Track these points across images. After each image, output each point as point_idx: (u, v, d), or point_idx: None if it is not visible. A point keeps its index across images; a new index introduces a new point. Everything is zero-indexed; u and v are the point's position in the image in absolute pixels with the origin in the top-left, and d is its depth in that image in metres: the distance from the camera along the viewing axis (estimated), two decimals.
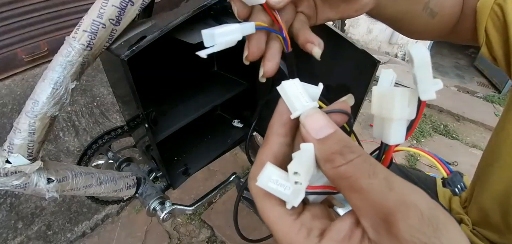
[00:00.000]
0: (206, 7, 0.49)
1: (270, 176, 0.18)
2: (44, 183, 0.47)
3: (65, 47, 0.42)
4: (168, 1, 0.64)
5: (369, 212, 0.16)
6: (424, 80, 0.17)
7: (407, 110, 0.18)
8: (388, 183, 0.15)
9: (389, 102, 0.18)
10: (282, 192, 0.18)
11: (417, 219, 0.14)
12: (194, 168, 0.76)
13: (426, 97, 0.17)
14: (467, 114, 2.17)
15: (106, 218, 1.31)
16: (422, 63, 0.17)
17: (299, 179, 0.17)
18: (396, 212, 0.15)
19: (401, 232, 0.14)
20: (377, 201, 0.15)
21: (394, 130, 0.18)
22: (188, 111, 0.70)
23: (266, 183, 0.18)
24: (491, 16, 0.36)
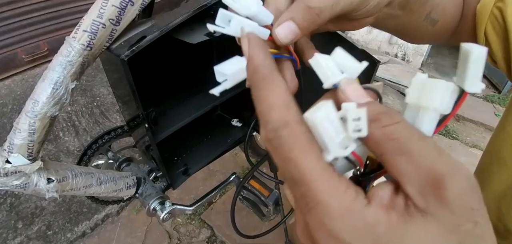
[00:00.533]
0: (206, 7, 0.49)
1: (329, 113, 0.16)
2: (44, 183, 0.47)
3: (65, 47, 0.42)
4: (168, 1, 0.64)
5: (418, 176, 0.15)
6: (474, 74, 0.17)
7: (447, 102, 0.17)
8: (437, 148, 0.15)
9: (432, 91, 0.17)
10: (332, 137, 0.16)
11: (467, 183, 0.14)
12: (194, 168, 0.76)
13: (471, 89, 0.18)
14: (467, 114, 2.17)
15: (106, 218, 1.31)
16: (479, 60, 0.17)
17: (359, 126, 0.16)
18: (447, 175, 0.14)
19: (452, 195, 0.14)
20: (427, 164, 0.15)
21: (428, 120, 0.18)
22: (188, 111, 0.70)
23: (321, 119, 0.16)
24: (490, 19, 0.36)
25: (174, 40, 0.54)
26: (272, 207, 0.79)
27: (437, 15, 0.36)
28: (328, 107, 0.16)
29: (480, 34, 0.37)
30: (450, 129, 2.01)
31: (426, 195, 0.15)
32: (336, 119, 0.16)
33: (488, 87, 2.68)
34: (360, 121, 0.16)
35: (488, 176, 0.42)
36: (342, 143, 0.16)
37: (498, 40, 0.36)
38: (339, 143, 0.16)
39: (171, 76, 0.81)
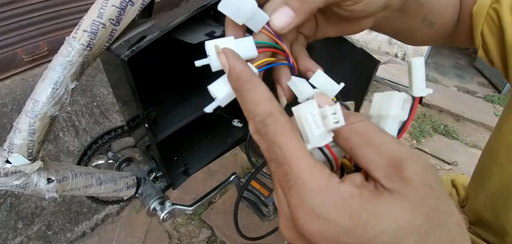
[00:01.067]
0: (206, 7, 0.49)
1: (311, 109, 0.18)
2: (44, 183, 0.47)
3: (65, 47, 0.42)
4: (168, 1, 0.64)
5: (383, 162, 0.17)
6: (418, 81, 0.21)
7: (402, 110, 0.21)
8: (395, 139, 0.18)
9: (388, 101, 0.21)
10: (312, 130, 0.18)
11: (423, 163, 0.17)
12: (194, 168, 0.76)
13: (419, 93, 0.21)
14: (467, 114, 2.17)
15: (106, 218, 1.31)
16: (419, 68, 0.21)
17: (337, 118, 0.18)
18: (406, 159, 0.17)
19: (412, 175, 0.16)
20: (390, 152, 0.17)
21: (389, 126, 0.21)
22: (188, 111, 0.70)
23: (305, 113, 0.18)
24: (486, 20, 0.36)
25: (174, 40, 0.54)
26: (272, 207, 0.79)
27: (434, 18, 0.36)
28: (312, 104, 0.18)
29: (476, 35, 0.38)
30: (450, 129, 2.01)
31: (391, 177, 0.17)
32: (318, 115, 0.18)
33: (488, 87, 2.68)
34: (337, 114, 0.18)
35: (484, 176, 0.42)
36: (321, 137, 0.18)
37: (494, 41, 0.36)
38: (318, 136, 0.18)
39: (171, 76, 0.81)
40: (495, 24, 0.36)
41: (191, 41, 0.54)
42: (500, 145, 0.39)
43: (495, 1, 0.36)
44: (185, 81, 0.82)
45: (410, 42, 0.42)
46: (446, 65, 3.04)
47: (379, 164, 0.17)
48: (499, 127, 0.40)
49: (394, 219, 0.16)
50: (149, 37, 0.45)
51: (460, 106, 2.25)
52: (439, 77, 2.73)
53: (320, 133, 0.18)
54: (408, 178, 0.16)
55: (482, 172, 0.44)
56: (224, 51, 0.21)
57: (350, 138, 0.18)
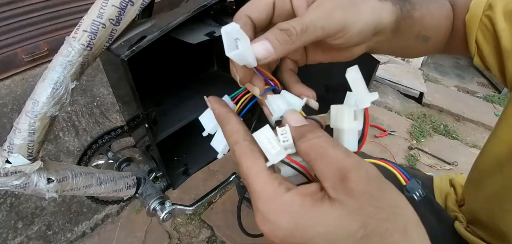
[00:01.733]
0: (206, 7, 0.49)
1: (265, 133, 0.22)
2: (44, 183, 0.47)
3: (65, 47, 0.42)
4: (168, 1, 0.64)
5: (331, 173, 0.19)
6: (359, 93, 0.22)
7: (355, 121, 0.23)
8: (346, 153, 0.20)
9: (341, 115, 0.23)
10: (268, 149, 0.22)
11: (365, 175, 0.19)
12: (194, 168, 0.76)
13: (363, 105, 0.23)
14: (467, 114, 2.17)
15: (106, 218, 1.31)
16: (355, 80, 0.23)
17: (287, 138, 0.22)
18: (351, 170, 0.19)
19: (353, 185, 0.18)
20: (338, 164, 0.19)
21: (347, 138, 0.23)
22: (188, 111, 0.71)
23: (260, 137, 0.22)
24: (480, 27, 0.37)
25: (174, 40, 0.54)
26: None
27: (429, 33, 0.37)
28: (265, 129, 0.22)
29: (471, 43, 0.38)
30: (450, 129, 2.01)
31: (336, 187, 0.19)
32: (272, 137, 0.22)
33: (488, 87, 2.68)
34: (287, 134, 0.22)
35: (482, 178, 0.43)
36: (277, 154, 0.21)
37: (489, 47, 0.37)
38: (275, 154, 0.21)
39: (171, 76, 0.81)
40: (489, 31, 0.36)
41: (191, 41, 0.54)
42: (500, 148, 0.39)
43: (487, 8, 0.36)
44: (185, 81, 0.82)
45: (407, 57, 0.43)
46: (446, 65, 3.04)
47: (328, 175, 0.20)
48: (498, 129, 0.40)
49: (327, 224, 0.18)
50: (149, 37, 0.45)
51: (460, 106, 2.25)
52: (439, 77, 2.73)
53: (276, 151, 0.21)
54: (350, 189, 0.18)
55: (479, 173, 0.44)
56: (210, 100, 0.27)
57: (308, 153, 0.21)
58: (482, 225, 0.43)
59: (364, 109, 0.23)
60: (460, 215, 0.49)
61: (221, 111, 0.26)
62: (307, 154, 0.21)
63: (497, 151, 0.39)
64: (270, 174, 0.21)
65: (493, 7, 0.35)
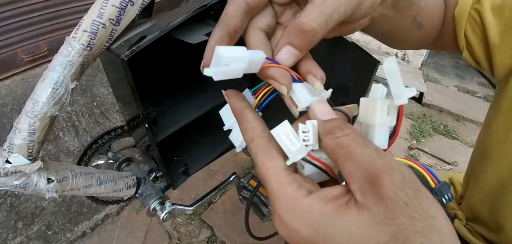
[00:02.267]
0: (206, 7, 0.49)
1: (284, 129, 0.20)
2: (44, 183, 0.47)
3: (65, 47, 0.42)
4: (168, 1, 0.64)
5: (360, 176, 0.17)
6: (396, 87, 0.20)
7: (387, 117, 0.21)
8: (378, 152, 0.18)
9: (372, 109, 0.21)
10: (288, 147, 0.20)
11: (400, 180, 0.16)
12: (194, 168, 0.76)
13: (400, 102, 0.20)
14: (467, 114, 2.17)
15: (106, 218, 1.31)
16: (392, 72, 0.20)
17: (308, 136, 0.20)
18: (383, 173, 0.16)
19: (385, 190, 0.16)
20: (367, 166, 0.17)
21: (378, 135, 0.21)
22: (188, 111, 0.70)
23: (278, 134, 0.20)
24: (469, 21, 0.37)
25: (174, 40, 0.54)
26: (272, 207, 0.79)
27: (423, 19, 0.37)
28: (284, 125, 0.20)
29: (460, 36, 0.38)
30: (450, 129, 2.01)
31: (364, 191, 0.17)
32: (291, 133, 0.20)
33: (488, 87, 2.68)
34: (309, 133, 0.20)
35: (477, 173, 0.43)
36: (299, 151, 0.20)
37: (478, 40, 0.37)
38: (296, 151, 0.20)
39: (171, 76, 0.81)
40: (478, 25, 0.37)
41: (191, 41, 0.54)
42: (491, 142, 0.39)
43: (476, 1, 0.37)
44: (185, 81, 0.82)
45: (396, 45, 0.43)
46: (446, 65, 3.04)
47: (356, 177, 0.18)
48: (488, 123, 0.40)
49: (351, 234, 0.16)
50: (149, 37, 0.45)
51: (460, 106, 2.25)
52: (439, 77, 2.73)
53: (297, 148, 0.20)
54: (380, 194, 0.16)
55: (474, 169, 0.44)
56: (227, 94, 0.26)
57: (335, 151, 0.19)
58: (481, 221, 0.44)
59: (400, 106, 0.21)
60: (459, 213, 0.49)
61: (237, 106, 0.24)
62: (334, 152, 0.19)
63: (491, 145, 0.39)
64: (289, 174, 0.19)
65: (481, 1, 0.36)
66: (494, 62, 0.36)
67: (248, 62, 0.22)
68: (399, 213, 0.16)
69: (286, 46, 0.23)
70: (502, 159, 0.37)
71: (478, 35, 0.37)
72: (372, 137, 0.21)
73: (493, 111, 0.40)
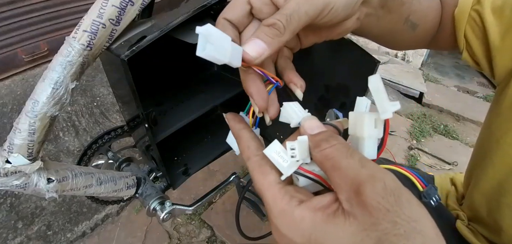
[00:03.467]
0: (206, 7, 0.49)
1: (275, 148, 0.22)
2: (44, 183, 0.47)
3: (65, 47, 0.42)
4: (168, 1, 0.64)
5: (345, 185, 0.19)
6: (381, 103, 0.21)
7: (375, 129, 0.22)
8: (362, 162, 0.19)
9: (360, 123, 0.23)
10: (280, 163, 0.22)
11: (381, 188, 0.17)
12: (194, 168, 0.76)
13: (385, 116, 0.22)
14: (467, 114, 2.17)
15: (106, 218, 1.31)
16: (377, 90, 0.21)
17: (295, 153, 0.22)
18: (365, 182, 0.18)
19: (368, 199, 0.17)
20: (352, 176, 0.19)
21: (367, 146, 0.22)
22: (188, 111, 0.71)
23: (270, 153, 0.22)
24: (469, 22, 0.37)
25: (174, 40, 0.54)
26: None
27: (417, 20, 0.37)
28: (274, 144, 0.22)
29: (460, 37, 0.38)
30: (450, 129, 2.01)
31: (350, 200, 0.18)
32: (282, 150, 0.22)
33: (488, 87, 2.68)
34: (295, 150, 0.22)
35: (477, 173, 0.43)
36: (290, 166, 0.22)
37: (478, 42, 0.37)
38: (288, 166, 0.22)
39: (171, 76, 0.81)
40: (478, 26, 0.36)
41: (191, 41, 0.54)
42: (490, 142, 0.39)
43: (476, 2, 0.36)
44: (185, 81, 0.82)
45: (394, 46, 0.43)
46: (446, 65, 3.04)
47: (343, 187, 0.19)
48: (488, 124, 0.40)
49: (338, 241, 0.18)
50: (149, 37, 0.45)
51: (460, 106, 2.25)
52: (439, 77, 2.73)
53: (288, 164, 0.22)
54: (364, 202, 0.18)
55: (474, 169, 0.44)
56: (227, 117, 0.29)
57: (323, 163, 0.21)
58: (482, 221, 0.44)
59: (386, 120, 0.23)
60: (461, 213, 0.49)
61: (234, 128, 0.27)
62: (322, 163, 0.21)
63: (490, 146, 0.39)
64: (281, 187, 0.21)
65: (481, 2, 0.36)
66: (494, 64, 0.36)
67: (230, 51, 0.23)
68: (381, 219, 0.17)
69: (253, 39, 0.25)
70: (501, 159, 0.37)
71: (478, 36, 0.37)
72: (362, 149, 0.23)
73: (493, 112, 0.40)
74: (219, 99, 0.75)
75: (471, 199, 0.45)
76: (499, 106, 0.37)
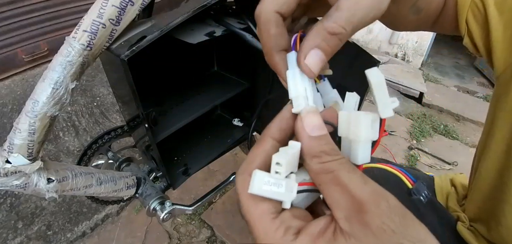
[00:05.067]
0: (206, 7, 0.49)
1: (262, 179, 0.19)
2: (44, 183, 0.47)
3: (65, 47, 0.42)
4: (168, 1, 0.64)
5: (346, 203, 0.17)
6: (382, 99, 0.19)
7: (372, 131, 0.20)
8: (364, 179, 0.18)
9: (355, 125, 0.20)
10: (276, 192, 0.18)
11: (386, 207, 0.16)
12: (194, 168, 0.76)
13: (386, 114, 0.20)
14: (467, 114, 2.17)
15: (106, 218, 1.31)
16: (379, 85, 0.19)
17: (280, 169, 0.19)
18: (369, 201, 0.16)
19: (372, 218, 0.16)
20: (353, 192, 0.17)
21: (362, 151, 0.20)
22: (188, 111, 0.71)
23: (260, 188, 0.18)
24: (471, 8, 0.37)
25: (174, 40, 0.54)
26: None
27: (422, 4, 0.37)
28: (259, 176, 0.18)
29: (461, 22, 0.38)
30: (450, 129, 2.01)
31: (351, 219, 0.17)
32: (270, 177, 0.19)
33: (488, 87, 2.68)
34: (281, 166, 0.19)
35: (478, 171, 0.43)
36: (290, 190, 0.19)
37: (479, 28, 0.37)
38: (286, 193, 0.19)
39: (172, 76, 0.81)
40: (479, 12, 0.36)
41: (191, 41, 0.54)
42: (491, 141, 0.39)
43: None
44: (185, 81, 0.82)
45: (395, 28, 0.43)
46: (446, 65, 3.04)
47: (341, 204, 0.17)
48: (492, 119, 0.40)
49: None
50: (149, 37, 0.45)
51: (460, 106, 2.25)
52: (439, 77, 2.73)
53: (284, 187, 0.19)
54: (367, 222, 0.16)
55: (477, 167, 0.44)
56: None
57: (319, 176, 0.19)
58: (483, 223, 0.43)
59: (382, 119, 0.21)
60: (462, 215, 0.49)
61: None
62: (318, 176, 0.19)
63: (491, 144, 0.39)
64: (274, 218, 0.19)
65: None
66: (494, 54, 0.36)
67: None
68: (387, 241, 0.16)
69: (314, 49, 0.21)
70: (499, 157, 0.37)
71: (479, 22, 0.36)
72: (356, 152, 0.21)
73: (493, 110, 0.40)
74: (219, 99, 0.75)
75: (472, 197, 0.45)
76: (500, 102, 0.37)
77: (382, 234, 0.16)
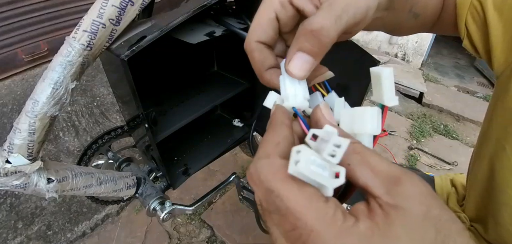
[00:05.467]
0: (206, 7, 0.49)
1: (309, 158, 0.16)
2: (44, 183, 0.47)
3: (65, 47, 0.42)
4: (168, 1, 0.64)
5: (381, 179, 0.17)
6: (389, 91, 0.22)
7: (376, 124, 0.20)
8: (387, 160, 0.18)
9: (361, 119, 0.21)
10: (322, 175, 0.16)
11: (418, 178, 0.17)
12: (194, 168, 0.76)
13: (392, 103, 0.22)
14: (467, 114, 2.17)
15: (106, 218, 1.31)
16: (388, 78, 0.22)
17: (337, 152, 0.17)
18: (402, 175, 0.17)
19: (411, 188, 0.16)
20: (385, 170, 0.17)
21: (367, 143, 0.21)
22: (188, 111, 0.71)
23: (308, 168, 0.16)
24: (470, 10, 0.37)
25: (174, 40, 0.54)
26: None
27: (419, 10, 0.37)
28: (306, 152, 0.16)
29: (461, 25, 0.38)
30: (450, 129, 2.01)
31: (391, 192, 0.17)
32: (317, 158, 0.17)
33: (488, 87, 2.68)
34: (340, 149, 0.17)
35: (476, 171, 0.43)
36: (331, 176, 0.17)
37: (478, 31, 0.37)
38: (328, 175, 0.17)
39: (171, 76, 0.81)
40: (479, 15, 0.36)
41: (191, 41, 0.54)
42: (489, 139, 0.39)
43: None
44: (185, 81, 0.82)
45: (395, 33, 0.43)
46: (446, 65, 3.04)
47: (377, 182, 0.17)
48: (488, 119, 0.40)
49: (411, 240, 0.15)
50: (149, 37, 0.45)
51: (460, 106, 2.25)
52: (439, 77, 2.73)
53: (329, 173, 0.17)
54: (408, 192, 0.16)
55: (473, 166, 0.45)
56: None
57: (349, 156, 0.18)
58: (483, 222, 0.44)
59: (385, 108, 0.22)
60: (462, 215, 0.49)
61: (278, 117, 0.21)
62: (350, 156, 0.18)
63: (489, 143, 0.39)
64: (326, 202, 0.16)
65: None
66: (493, 54, 0.36)
67: None
68: (431, 206, 0.16)
69: (297, 53, 0.21)
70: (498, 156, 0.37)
71: (478, 25, 0.37)
72: None
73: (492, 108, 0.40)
74: (219, 99, 0.75)
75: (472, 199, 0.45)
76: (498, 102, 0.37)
77: (425, 199, 0.16)
